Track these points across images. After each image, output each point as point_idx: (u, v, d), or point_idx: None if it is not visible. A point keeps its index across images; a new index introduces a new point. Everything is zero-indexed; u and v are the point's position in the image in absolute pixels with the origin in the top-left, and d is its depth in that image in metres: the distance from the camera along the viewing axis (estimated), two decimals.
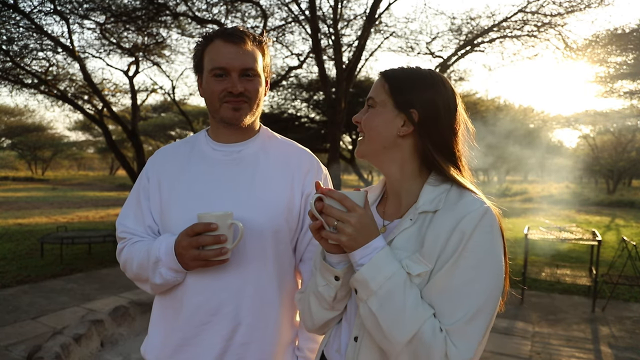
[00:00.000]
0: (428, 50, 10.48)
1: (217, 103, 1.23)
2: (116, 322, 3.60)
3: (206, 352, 1.20)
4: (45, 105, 27.30)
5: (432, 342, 0.86)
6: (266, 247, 1.23)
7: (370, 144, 1.04)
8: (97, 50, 10.18)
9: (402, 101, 1.00)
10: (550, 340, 4.09)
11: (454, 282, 0.89)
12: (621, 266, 5.52)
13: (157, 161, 1.35)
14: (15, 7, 7.73)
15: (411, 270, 0.92)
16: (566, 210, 17.24)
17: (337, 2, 8.74)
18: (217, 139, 1.31)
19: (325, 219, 0.93)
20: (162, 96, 19.18)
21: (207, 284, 1.20)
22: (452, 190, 0.98)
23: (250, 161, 1.29)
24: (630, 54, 9.63)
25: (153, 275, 1.20)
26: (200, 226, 1.10)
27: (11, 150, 41.03)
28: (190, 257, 1.12)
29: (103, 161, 50.66)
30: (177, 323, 1.22)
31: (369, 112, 1.05)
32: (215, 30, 1.27)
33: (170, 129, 27.15)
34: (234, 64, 1.20)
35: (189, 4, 8.58)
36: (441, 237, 0.91)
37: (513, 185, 31.68)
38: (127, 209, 1.33)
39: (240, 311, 1.20)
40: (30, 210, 13.61)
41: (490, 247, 0.91)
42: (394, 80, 1.02)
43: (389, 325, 0.88)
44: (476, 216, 0.91)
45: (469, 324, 0.88)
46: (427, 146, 1.00)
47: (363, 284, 0.90)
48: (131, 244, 1.28)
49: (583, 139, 30.43)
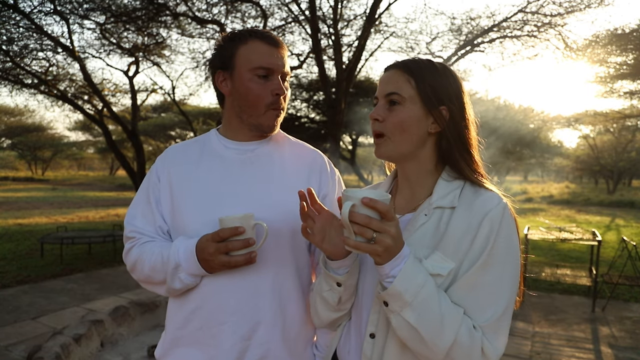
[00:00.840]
0: (428, 50, 10.49)
1: (263, 108, 1.20)
2: (116, 322, 3.60)
3: (226, 352, 1.18)
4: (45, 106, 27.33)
5: (471, 344, 0.86)
6: (283, 247, 1.22)
7: (401, 144, 0.98)
8: (97, 50, 10.19)
9: (432, 98, 0.97)
10: (551, 340, 4.09)
11: (485, 280, 0.89)
12: (621, 266, 5.53)
13: (167, 160, 1.31)
14: (15, 7, 7.74)
15: (440, 271, 0.90)
16: (566, 210, 17.24)
17: (337, 2, 8.74)
18: (233, 138, 1.28)
19: (360, 230, 0.83)
20: (162, 96, 19.17)
21: (225, 284, 1.18)
22: (466, 186, 0.98)
23: (265, 160, 1.26)
24: (630, 54, 9.63)
25: (172, 280, 1.18)
26: (227, 232, 1.07)
27: (11, 150, 41.05)
28: (220, 263, 1.10)
29: (103, 161, 50.63)
30: (195, 324, 1.21)
31: (396, 109, 0.98)
32: (245, 29, 1.24)
33: (170, 129, 27.15)
34: (279, 66, 1.19)
35: (189, 4, 8.58)
36: (467, 235, 0.91)
37: (513, 185, 31.67)
38: (136, 208, 1.29)
39: (259, 310, 1.19)
40: (30, 210, 13.61)
41: (513, 243, 0.92)
42: (420, 74, 0.97)
43: (430, 335, 0.86)
44: (499, 213, 0.91)
45: (500, 319, 0.89)
46: (450, 142, 0.98)
47: (396, 296, 0.85)
48: (140, 244, 1.25)
49: (583, 139, 30.43)
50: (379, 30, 10.28)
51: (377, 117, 0.99)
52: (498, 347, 0.89)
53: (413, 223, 0.98)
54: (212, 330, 1.19)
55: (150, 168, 1.34)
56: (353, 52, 9.29)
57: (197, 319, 1.20)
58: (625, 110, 16.42)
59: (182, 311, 1.23)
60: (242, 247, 1.09)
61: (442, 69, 1.00)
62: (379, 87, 1.02)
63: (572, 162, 32.97)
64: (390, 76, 1.00)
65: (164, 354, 1.27)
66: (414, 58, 1.02)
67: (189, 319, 1.21)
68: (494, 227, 0.90)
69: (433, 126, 0.98)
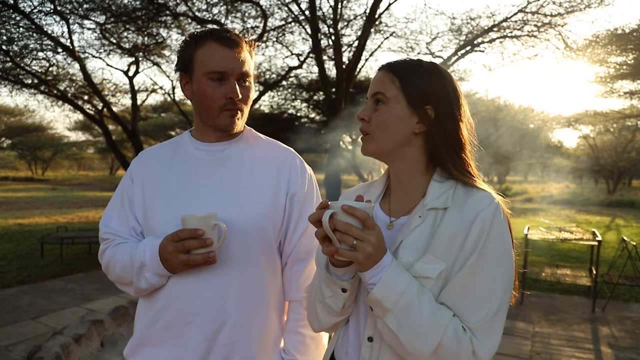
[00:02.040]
0: (428, 50, 10.48)
1: (216, 110, 1.20)
2: (116, 322, 3.60)
3: (191, 352, 1.19)
4: (45, 106, 27.29)
5: (458, 347, 0.86)
6: (250, 246, 1.22)
7: (383, 142, 1.00)
8: (97, 50, 10.17)
9: (416, 97, 0.97)
10: (551, 340, 4.09)
11: (477, 280, 0.89)
12: (621, 266, 5.53)
13: (140, 162, 1.34)
14: (15, 7, 7.74)
15: (429, 274, 0.91)
16: (566, 210, 17.24)
17: (337, 2, 8.75)
18: (202, 139, 1.30)
19: (341, 237, 0.85)
20: (162, 96, 19.19)
21: (190, 284, 1.19)
22: (458, 187, 0.98)
23: (235, 160, 1.28)
24: (630, 54, 9.63)
25: (138, 279, 1.19)
26: (185, 232, 1.10)
27: (11, 150, 41.02)
28: (178, 262, 1.12)
29: (103, 161, 50.65)
30: (162, 323, 1.22)
31: (380, 108, 0.99)
32: (204, 30, 1.23)
33: (170, 129, 27.13)
34: (234, 69, 1.18)
35: (189, 4, 8.58)
36: (457, 235, 0.91)
37: (513, 185, 31.68)
38: (111, 210, 1.33)
39: (224, 311, 1.19)
40: (30, 210, 13.60)
41: (505, 242, 0.92)
42: (404, 74, 0.99)
43: (410, 341, 0.87)
44: (490, 213, 0.92)
45: (493, 319, 0.89)
46: (437, 142, 0.99)
47: (377, 303, 0.88)
48: (114, 245, 1.27)
49: (583, 139, 30.41)
50: (379, 30, 10.27)
51: (364, 117, 1.01)
52: (490, 347, 0.89)
53: (408, 225, 0.98)
54: (177, 330, 1.20)
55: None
56: (353, 52, 9.29)
57: (163, 318, 1.21)
58: (625, 110, 16.43)
59: (150, 311, 1.24)
60: (200, 247, 1.10)
61: (430, 68, 1.00)
62: (369, 88, 1.04)
63: (572, 162, 32.94)
64: (378, 77, 1.02)
65: (131, 353, 1.28)
66: (404, 59, 1.03)
67: (156, 319, 1.22)
68: (485, 227, 0.90)
69: (418, 126, 0.99)
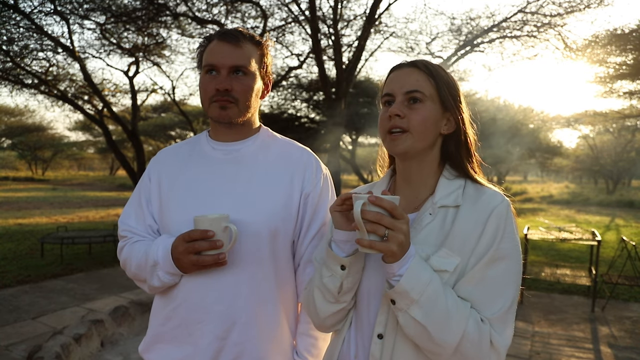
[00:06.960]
0: (428, 50, 10.49)
1: (207, 102, 1.24)
2: (116, 322, 3.60)
3: (202, 351, 1.20)
4: (46, 106, 27.28)
5: (479, 337, 0.89)
6: (262, 247, 1.22)
7: (420, 141, 1.00)
8: (97, 50, 10.18)
9: (449, 99, 1.01)
10: (550, 340, 4.09)
11: (494, 273, 0.92)
12: (621, 266, 5.53)
13: (159, 161, 1.37)
14: (15, 8, 7.74)
15: (446, 267, 0.93)
16: (566, 210, 17.25)
17: (337, 2, 8.75)
18: (217, 138, 1.32)
19: (372, 227, 0.85)
20: (162, 96, 19.17)
21: (201, 283, 1.20)
22: (467, 185, 1.02)
23: (249, 160, 1.28)
24: (629, 54, 9.63)
25: (151, 277, 1.21)
26: (197, 233, 1.11)
27: (11, 150, 41.03)
28: (189, 262, 1.13)
29: (103, 161, 50.62)
30: (174, 321, 1.23)
31: (418, 107, 0.99)
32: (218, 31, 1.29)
33: (170, 129, 27.11)
34: (224, 61, 1.21)
35: (189, 4, 8.59)
36: (473, 231, 0.94)
37: (513, 185, 31.66)
38: (129, 208, 1.35)
39: (234, 310, 1.20)
40: (30, 210, 13.61)
41: (516, 237, 0.96)
42: (438, 75, 1.01)
43: (438, 332, 0.87)
44: (504, 209, 0.95)
45: (508, 312, 0.92)
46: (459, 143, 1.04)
47: (403, 294, 0.87)
48: (131, 243, 1.29)
49: (583, 139, 30.42)
50: (379, 31, 10.28)
51: (399, 112, 0.99)
52: (506, 339, 0.92)
53: (419, 222, 0.99)
54: (189, 329, 1.21)
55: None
56: (353, 52, 9.29)
57: (176, 316, 1.23)
58: (625, 110, 16.41)
59: (164, 309, 1.26)
60: (210, 249, 1.11)
61: (447, 71, 1.05)
62: (394, 84, 1.02)
63: (572, 162, 32.93)
64: (409, 74, 1.01)
65: (145, 349, 1.30)
66: (425, 60, 1.05)
67: (170, 317, 1.24)
68: (501, 223, 0.94)
69: (445, 127, 1.03)
